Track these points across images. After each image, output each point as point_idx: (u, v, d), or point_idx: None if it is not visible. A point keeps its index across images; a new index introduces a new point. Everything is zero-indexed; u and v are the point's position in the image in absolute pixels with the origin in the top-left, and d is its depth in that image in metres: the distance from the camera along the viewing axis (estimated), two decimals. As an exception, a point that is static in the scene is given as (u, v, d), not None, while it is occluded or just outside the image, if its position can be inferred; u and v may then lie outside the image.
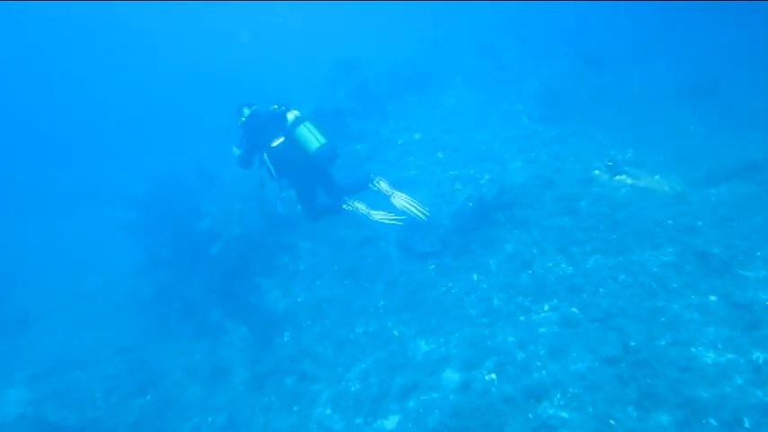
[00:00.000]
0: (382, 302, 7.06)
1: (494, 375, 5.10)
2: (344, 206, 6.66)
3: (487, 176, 7.51)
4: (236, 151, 7.05)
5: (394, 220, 6.47)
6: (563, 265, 6.03)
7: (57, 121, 20.25)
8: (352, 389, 5.89)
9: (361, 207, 6.65)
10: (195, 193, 11.20)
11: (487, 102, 10.67)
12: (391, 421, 5.26)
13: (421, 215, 6.33)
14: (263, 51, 25.39)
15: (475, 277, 6.54)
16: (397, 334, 6.42)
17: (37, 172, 16.61)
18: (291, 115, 6.63)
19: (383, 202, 6.36)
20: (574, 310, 5.38)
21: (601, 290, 5.44)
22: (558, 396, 4.51)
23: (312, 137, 6.38)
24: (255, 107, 7.24)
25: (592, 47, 11.24)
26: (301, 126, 6.43)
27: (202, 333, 8.33)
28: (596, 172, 7.11)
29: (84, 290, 11.10)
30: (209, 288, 8.65)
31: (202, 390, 7.15)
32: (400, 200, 6.56)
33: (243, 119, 6.99)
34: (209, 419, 6.27)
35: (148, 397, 7.15)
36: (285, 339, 7.16)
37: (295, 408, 5.97)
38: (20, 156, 17.64)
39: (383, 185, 6.66)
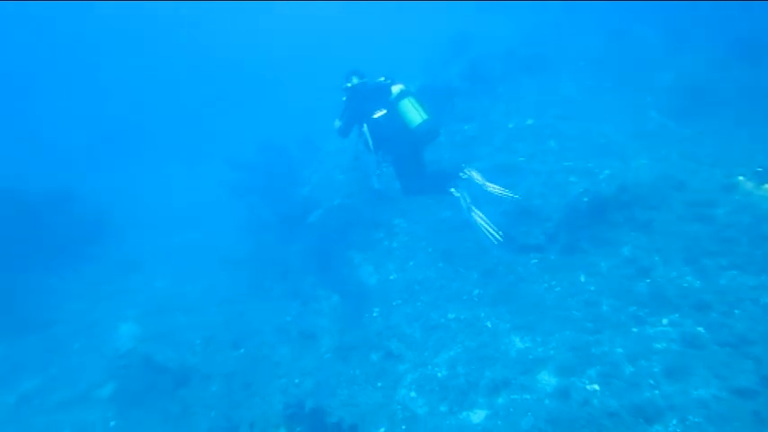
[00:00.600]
0: (477, 291, 6.83)
1: (596, 386, 4.73)
2: (451, 190, 6.54)
3: (607, 172, 6.93)
4: (337, 123, 7.17)
5: (489, 230, 6.29)
6: (689, 278, 5.42)
7: (190, 88, 21.82)
8: (439, 375, 5.77)
9: (478, 213, 6.48)
10: (297, 162, 11.55)
11: (611, 90, 9.85)
12: (478, 415, 5.08)
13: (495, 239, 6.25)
14: (373, 24, 25.49)
15: (582, 278, 6.10)
16: (490, 326, 6.18)
17: (166, 130, 18.05)
18: (396, 88, 6.57)
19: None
20: (700, 329, 4.83)
21: (736, 311, 4.82)
22: (675, 422, 4.07)
23: (415, 112, 6.31)
24: (366, 79, 7.26)
25: (747, 36, 9.94)
26: (405, 100, 6.39)
27: (294, 296, 8.60)
28: (740, 178, 6.30)
29: (191, 241, 11.87)
30: (305, 253, 8.89)
31: (290, 351, 7.38)
32: (495, 190, 6.44)
33: (348, 85, 7.07)
34: (296, 381, 6.46)
35: (242, 350, 7.51)
36: (374, 315, 7.18)
37: (379, 384, 5.97)
38: (155, 115, 19.28)
39: (475, 175, 6.52)
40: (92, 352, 8.31)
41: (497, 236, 6.28)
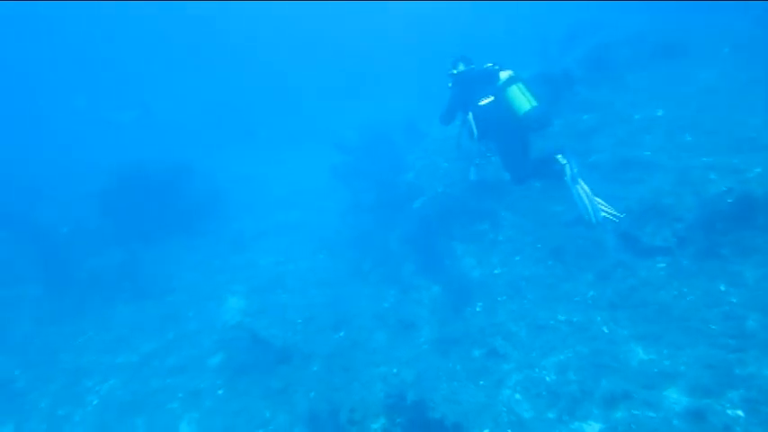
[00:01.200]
0: (592, 293, 6.35)
1: (740, 412, 4.17)
2: (565, 178, 6.17)
3: (758, 170, 6.08)
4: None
5: (613, 215, 5.91)
6: None
7: (301, 76, 22.63)
8: (547, 379, 5.44)
9: (583, 186, 6.10)
10: (401, 147, 11.51)
11: (762, 80, 8.68)
12: (592, 427, 4.71)
13: (596, 217, 5.97)
14: (487, 16, 24.84)
15: (722, 288, 5.42)
16: (606, 331, 5.72)
17: (277, 116, 18.93)
18: (504, 74, 6.37)
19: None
20: None
21: None
22: None
23: (524, 98, 6.09)
24: (473, 66, 7.09)
25: None
26: (513, 86, 6.18)
27: (393, 282, 8.59)
28: None
29: (294, 222, 12.29)
30: (406, 240, 8.82)
31: (388, 339, 7.37)
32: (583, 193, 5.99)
33: (454, 71, 7.03)
34: (395, 371, 6.41)
35: (341, 333, 7.62)
36: (477, 309, 6.94)
37: (481, 382, 5.76)
38: (266, 100, 20.25)
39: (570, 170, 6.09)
40: (203, 321, 8.87)
41: (614, 214, 5.89)
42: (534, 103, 6.04)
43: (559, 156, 6.15)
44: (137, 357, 8.18)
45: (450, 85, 7.06)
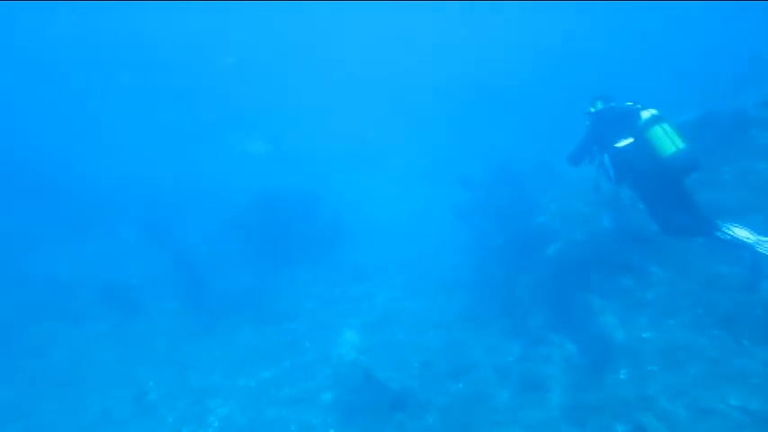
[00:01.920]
0: (774, 377, 5.25)
1: None
2: (718, 232, 5.37)
3: None
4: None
5: None
6: None
7: (426, 106, 22.76)
8: (715, 478, 4.51)
9: (744, 234, 5.23)
10: (533, 188, 10.90)
11: None
12: None
13: None
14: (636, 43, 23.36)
15: None
16: (798, 429, 4.64)
17: (403, 146, 19.12)
18: (647, 114, 5.85)
19: None
20: None
21: None
22: None
23: (668, 140, 5.57)
24: (613, 104, 6.54)
25: None
26: (657, 127, 5.67)
27: (518, 334, 7.97)
28: None
29: (413, 258, 12.11)
30: (536, 288, 8.17)
31: (512, 397, 6.76)
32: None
33: (592, 109, 6.59)
34: (522, 436, 5.79)
35: (460, 384, 7.15)
36: (621, 377, 6.09)
37: (627, 467, 4.95)
38: (394, 133, 20.55)
39: (739, 233, 5.21)
40: (319, 353, 8.91)
41: None
42: (680, 146, 5.52)
43: (719, 231, 5.42)
44: (255, 383, 8.38)
45: (587, 123, 6.68)
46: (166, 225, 12.66)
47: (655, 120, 5.73)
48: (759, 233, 5.44)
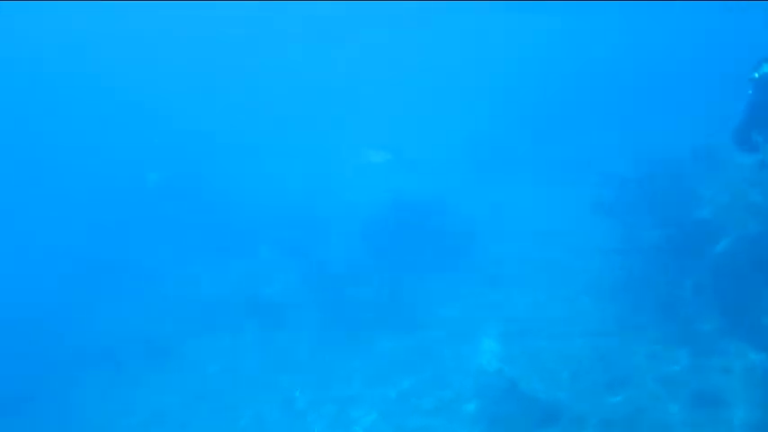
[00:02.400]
0: None
1: None
2: None
3: None
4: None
5: None
6: None
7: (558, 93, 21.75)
8: None
9: None
10: (691, 177, 9.85)
11: None
12: None
13: None
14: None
15: None
16: None
17: (533, 141, 18.44)
18: None
19: None
20: None
21: None
22: None
23: None
24: None
25: None
26: None
27: (682, 342, 7.32)
28: None
29: (551, 260, 11.56)
30: (703, 291, 7.39)
31: (684, 413, 6.18)
32: None
33: (756, 74, 5.66)
34: (704, 459, 5.22)
35: (619, 397, 6.68)
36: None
37: None
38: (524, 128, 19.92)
39: None
40: (459, 362, 8.88)
41: None
42: None
43: None
44: (395, 392, 8.56)
45: (749, 92, 5.87)
46: (303, 238, 13.47)
47: None
48: None
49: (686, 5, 25.75)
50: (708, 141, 10.99)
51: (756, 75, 5.79)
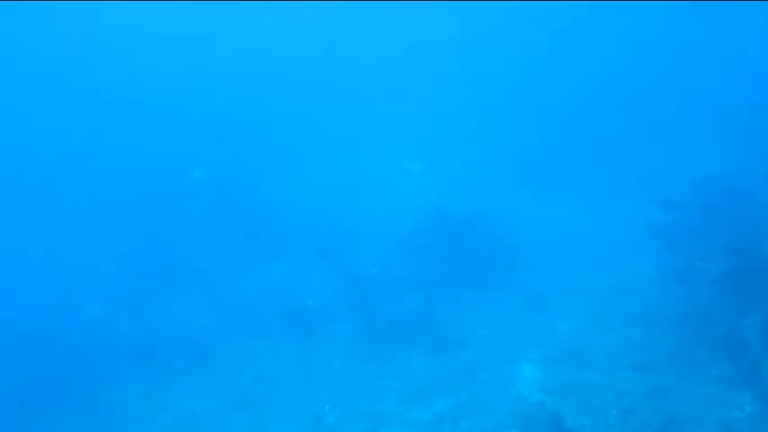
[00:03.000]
0: None
1: None
2: None
3: None
4: None
5: None
6: None
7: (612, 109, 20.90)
8: None
9: None
10: (761, 205, 9.17)
11: None
12: None
13: None
14: None
15: None
16: None
17: (585, 157, 17.71)
18: None
19: None
20: None
21: None
22: None
23: None
24: None
25: None
26: None
27: (748, 384, 6.82)
28: None
29: (600, 285, 11.03)
30: (771, 330, 6.78)
31: (747, 466, 5.60)
32: None
33: None
34: None
35: (674, 444, 6.16)
36: None
37: None
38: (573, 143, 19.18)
39: None
40: (497, 386, 8.49)
41: None
42: None
43: None
44: (429, 415, 8.24)
45: None
46: (340, 248, 13.36)
47: None
48: None
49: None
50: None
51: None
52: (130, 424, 10.85)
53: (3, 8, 26.24)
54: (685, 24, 27.35)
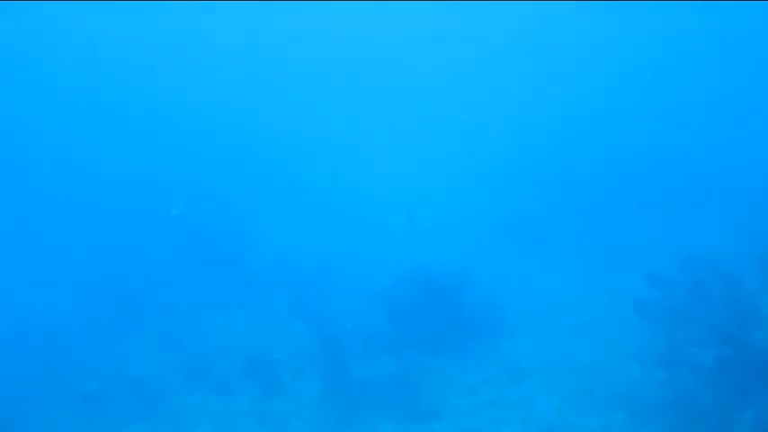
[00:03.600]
0: None
1: None
2: None
3: None
4: None
5: None
6: None
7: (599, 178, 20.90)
8: None
9: None
10: (752, 292, 8.92)
11: None
12: None
13: None
14: None
15: None
16: None
17: (572, 225, 17.54)
18: None
19: None
20: None
21: None
22: None
23: None
24: None
25: None
26: None
27: None
28: None
29: (583, 362, 10.60)
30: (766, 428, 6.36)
31: None
32: None
33: None
34: None
35: None
36: None
37: None
38: (558, 209, 19.04)
39: None
40: (470, 468, 7.85)
41: None
42: None
43: None
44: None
45: None
46: (314, 297, 12.81)
47: None
48: None
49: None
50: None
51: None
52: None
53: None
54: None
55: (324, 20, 34.00)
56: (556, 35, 34.86)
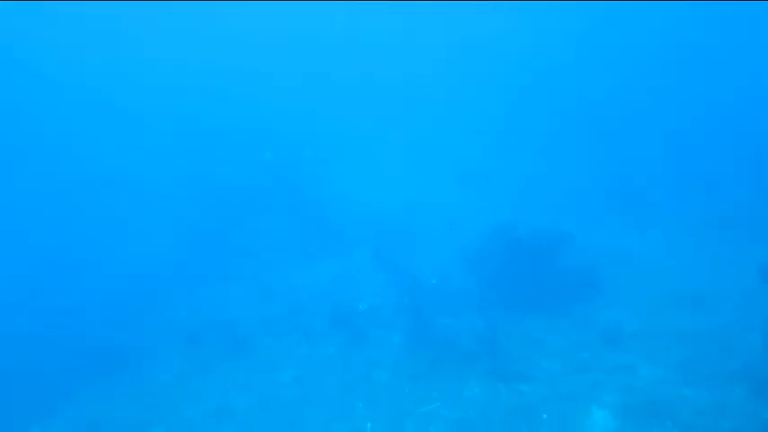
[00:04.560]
0: None
1: None
2: None
3: None
4: None
5: None
6: None
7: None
8: None
9: None
10: None
11: None
12: None
13: None
14: None
15: None
16: None
17: (680, 186, 16.06)
18: None
19: None
20: None
21: None
22: None
23: None
24: None
25: None
26: None
27: None
28: None
29: (697, 331, 9.62)
30: None
31: None
32: None
33: None
34: None
35: None
36: None
37: None
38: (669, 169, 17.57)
39: None
40: (560, 430, 7.39)
41: None
42: None
43: None
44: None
45: None
46: (398, 251, 12.61)
47: None
48: None
49: None
50: None
51: None
52: (163, 407, 10.48)
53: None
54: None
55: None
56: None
